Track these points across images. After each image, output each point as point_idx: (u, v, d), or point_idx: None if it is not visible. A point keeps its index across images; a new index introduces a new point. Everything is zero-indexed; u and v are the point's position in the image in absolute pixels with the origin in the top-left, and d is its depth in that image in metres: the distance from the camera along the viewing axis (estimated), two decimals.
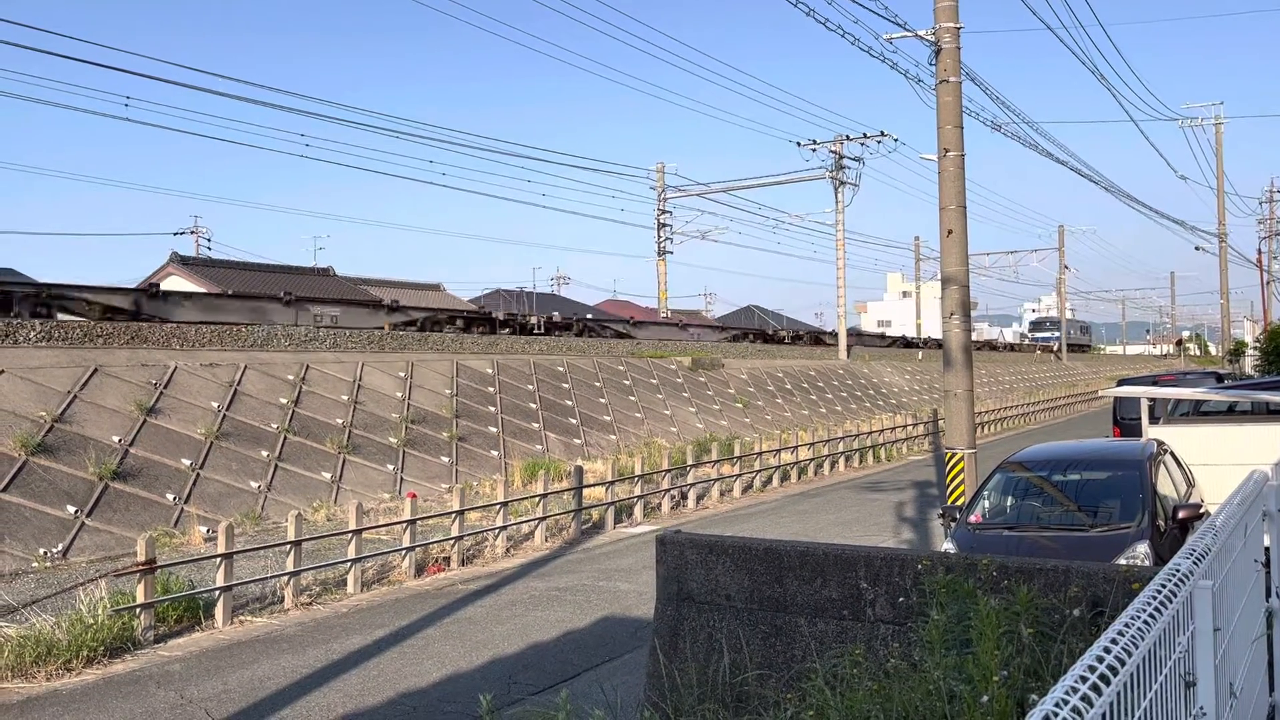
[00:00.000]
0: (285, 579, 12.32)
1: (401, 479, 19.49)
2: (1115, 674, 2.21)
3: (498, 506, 15.91)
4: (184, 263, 35.04)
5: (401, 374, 23.36)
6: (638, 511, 18.98)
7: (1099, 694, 2.11)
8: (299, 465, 18.26)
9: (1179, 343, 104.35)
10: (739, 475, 22.64)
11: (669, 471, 20.37)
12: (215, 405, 18.37)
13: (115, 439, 16.13)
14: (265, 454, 17.96)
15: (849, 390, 40.72)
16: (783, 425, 31.67)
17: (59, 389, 16.50)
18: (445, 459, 21.05)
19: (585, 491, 17.87)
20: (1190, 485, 10.74)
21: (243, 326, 22.10)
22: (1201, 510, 9.44)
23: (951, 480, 14.82)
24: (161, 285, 26.25)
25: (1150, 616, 2.60)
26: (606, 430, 26.25)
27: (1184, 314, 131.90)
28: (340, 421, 20.12)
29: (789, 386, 37.18)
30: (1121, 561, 8.11)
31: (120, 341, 19.00)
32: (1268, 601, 5.58)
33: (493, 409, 24.10)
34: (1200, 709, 3.30)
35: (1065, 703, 2.01)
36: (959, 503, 13.44)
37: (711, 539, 6.58)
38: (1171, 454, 10.74)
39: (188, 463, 16.58)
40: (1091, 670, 2.15)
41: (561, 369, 28.31)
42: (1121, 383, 22.09)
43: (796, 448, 25.68)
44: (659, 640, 6.52)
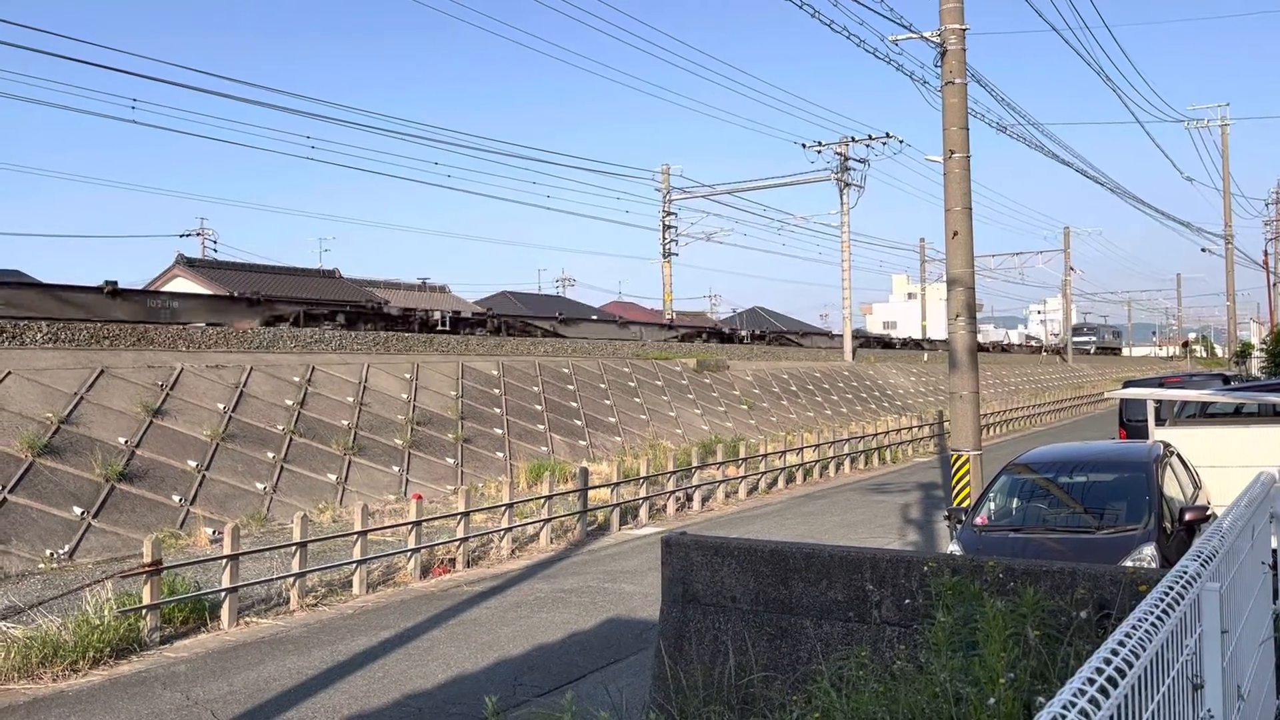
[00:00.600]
0: (291, 580, 12.34)
1: (407, 480, 19.50)
2: (1123, 676, 2.20)
3: (503, 508, 15.91)
4: (190, 265, 35.06)
5: (407, 375, 23.39)
6: (643, 513, 18.98)
7: (1106, 696, 2.11)
8: (305, 467, 18.29)
9: (1185, 344, 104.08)
10: (744, 477, 22.63)
11: (674, 473, 20.37)
12: (221, 407, 18.41)
13: (121, 440, 16.17)
14: (271, 456, 17.99)
15: (854, 392, 40.68)
16: (788, 427, 31.65)
17: (66, 390, 16.55)
18: (450, 460, 21.06)
19: (590, 493, 17.88)
20: (1197, 487, 10.71)
21: (249, 328, 22.13)
22: (1208, 512, 9.43)
23: (957, 482, 14.80)
24: (169, 288, 26.29)
25: (1158, 619, 2.60)
26: (611, 432, 26.26)
27: (1190, 316, 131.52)
28: (346, 423, 20.15)
29: (794, 388, 37.16)
30: (1128, 564, 8.09)
31: (127, 343, 19.04)
32: (1275, 604, 5.58)
33: (498, 410, 24.12)
34: (1208, 711, 3.29)
35: (1073, 705, 2.00)
36: (965, 505, 13.43)
37: (717, 541, 6.58)
38: (1178, 456, 10.72)
39: (194, 464, 16.61)
40: (1099, 673, 2.15)
41: (567, 370, 28.32)
42: (1127, 385, 22.05)
43: (802, 449, 25.66)
44: (664, 642, 6.52)
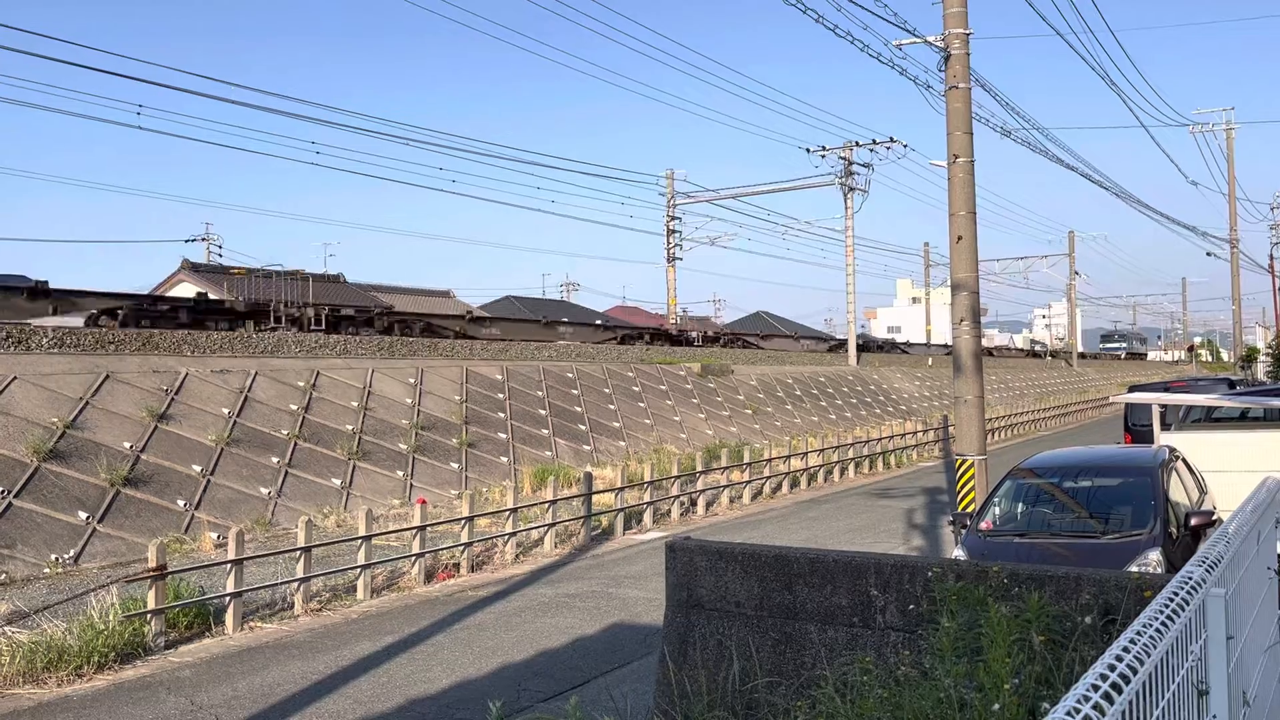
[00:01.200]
0: (295, 585, 12.34)
1: (411, 485, 19.51)
2: (1128, 682, 2.20)
3: (507, 513, 15.91)
4: (195, 269, 35.20)
5: (411, 380, 23.40)
6: (647, 518, 18.97)
7: (1111, 702, 2.10)
8: (309, 471, 18.30)
9: (1191, 349, 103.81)
10: (749, 482, 22.61)
11: (678, 478, 20.35)
12: (226, 411, 18.43)
13: (127, 445, 16.19)
14: (275, 460, 18.01)
15: (859, 396, 40.65)
16: (792, 431, 31.63)
17: (71, 395, 16.58)
18: (455, 465, 21.07)
19: (595, 498, 17.87)
20: (1202, 492, 10.68)
21: (253, 333, 22.17)
22: (1214, 517, 9.40)
23: (962, 487, 14.78)
24: (172, 292, 26.36)
25: (1163, 625, 2.59)
26: (616, 436, 26.25)
27: (1195, 320, 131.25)
28: (350, 428, 20.16)
29: (798, 393, 37.14)
30: (1133, 569, 8.06)
31: (132, 348, 19.08)
32: None
33: (502, 415, 24.12)
34: (1213, 717, 3.28)
35: (1077, 711, 2.00)
36: (969, 509, 13.41)
37: (721, 546, 6.57)
38: (1183, 460, 10.69)
39: (198, 469, 16.63)
40: (1103, 679, 2.14)
41: (571, 375, 28.33)
42: (1133, 389, 21.99)
43: (806, 454, 25.63)
44: (668, 647, 6.51)
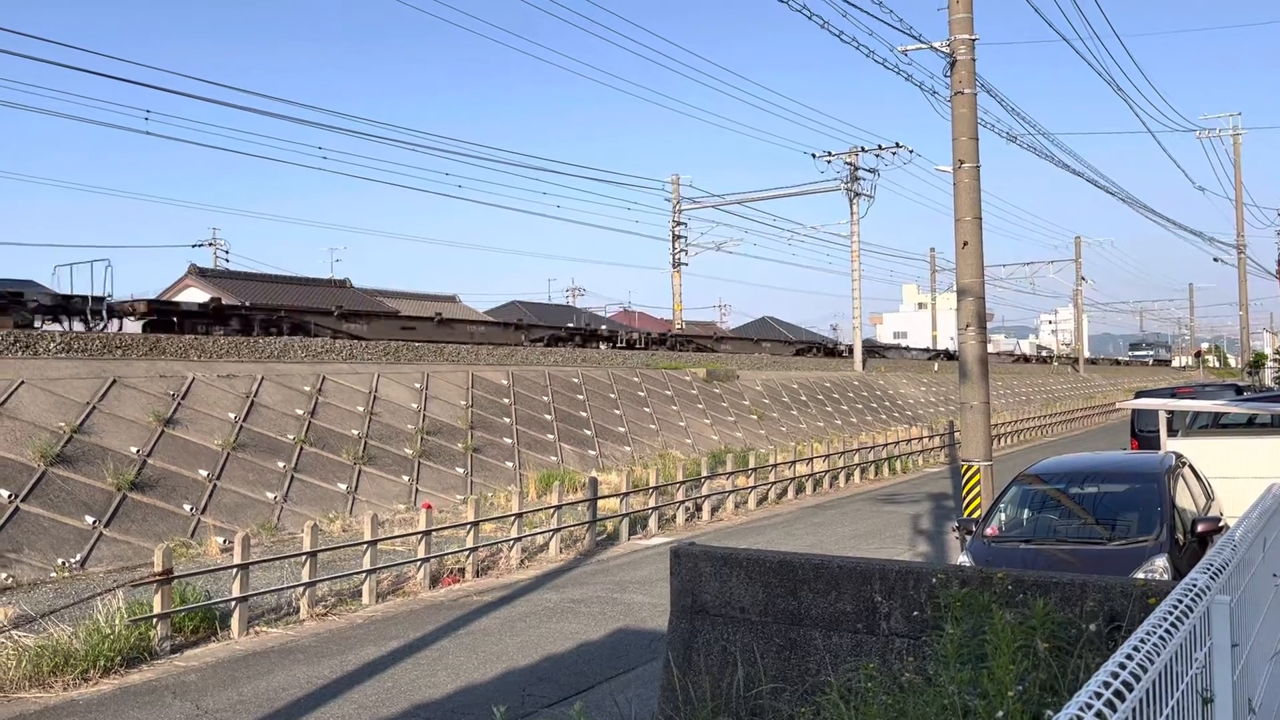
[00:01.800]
0: (301, 590, 12.36)
1: (417, 490, 19.52)
2: (1130, 689, 2.19)
3: (512, 518, 15.92)
4: (202, 274, 35.27)
5: (417, 385, 23.43)
6: (652, 523, 18.96)
7: (1114, 710, 2.10)
8: (315, 476, 18.33)
9: (1198, 354, 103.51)
10: (754, 487, 22.59)
11: (684, 483, 20.34)
12: (232, 416, 18.47)
13: (133, 450, 16.23)
14: (281, 465, 18.04)
15: (864, 402, 40.60)
16: (798, 437, 31.59)
17: (78, 400, 16.63)
18: (460, 470, 21.08)
19: (600, 503, 17.87)
20: (1209, 498, 10.65)
21: (260, 338, 22.21)
22: (1221, 523, 9.37)
23: (967, 493, 14.75)
24: (179, 298, 26.43)
25: (1166, 631, 2.59)
26: (621, 442, 26.25)
27: (1203, 326, 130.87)
28: (356, 433, 20.19)
29: (804, 398, 37.11)
30: (1139, 575, 8.04)
31: (139, 353, 19.13)
32: None
33: (507, 420, 24.14)
34: None
35: (1080, 719, 2.00)
36: (975, 515, 13.38)
37: (726, 551, 6.57)
38: (1190, 467, 10.66)
39: (205, 473, 16.66)
40: (1106, 686, 2.14)
41: (576, 380, 28.34)
42: (1139, 395, 21.94)
43: (811, 459, 25.60)
44: (673, 653, 6.51)
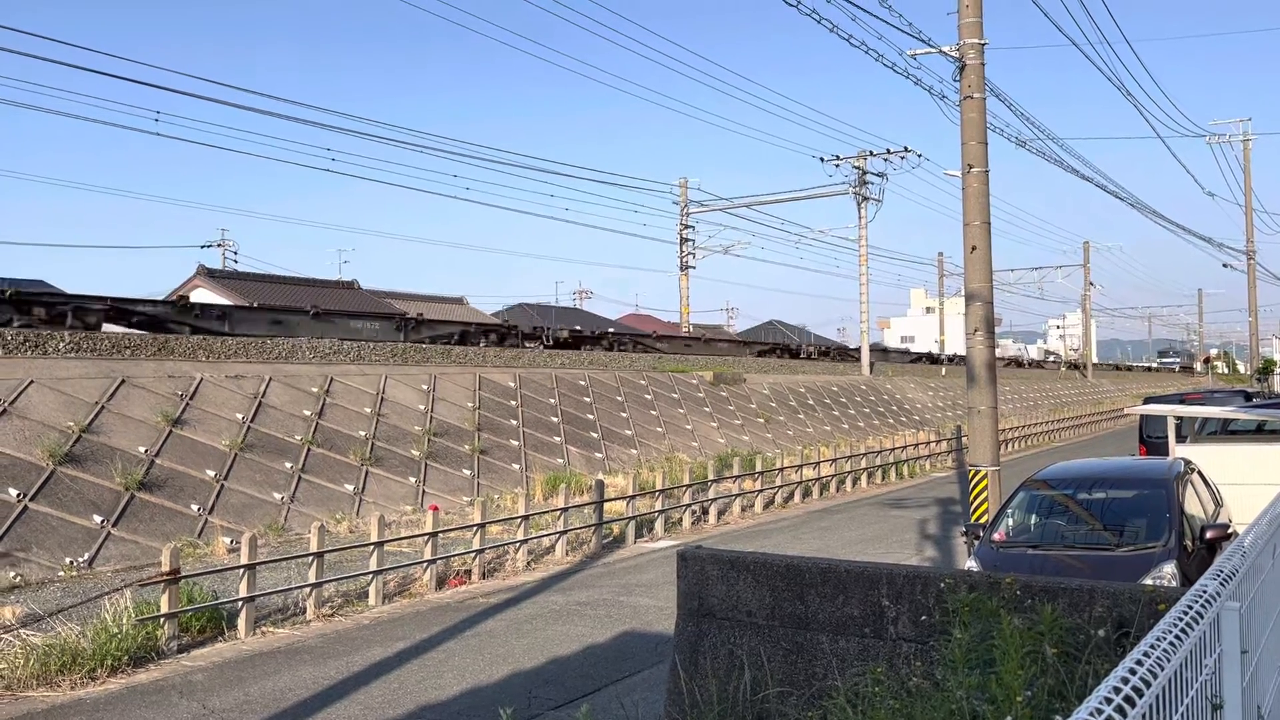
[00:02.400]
0: (307, 590, 12.37)
1: (423, 491, 19.54)
2: (1141, 695, 2.19)
3: (519, 520, 15.92)
4: (210, 275, 35.37)
5: (424, 386, 23.46)
6: (659, 526, 18.95)
7: (1124, 716, 2.10)
8: (322, 477, 18.36)
9: (1206, 360, 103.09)
10: (760, 491, 22.57)
11: (690, 486, 20.33)
12: (240, 417, 18.51)
13: (141, 449, 16.28)
14: (289, 465, 18.07)
15: (871, 406, 40.54)
16: (805, 441, 31.56)
17: (87, 400, 16.68)
18: (467, 472, 21.10)
19: (606, 506, 17.87)
20: (1218, 505, 10.62)
21: (268, 339, 22.26)
22: (1230, 530, 9.34)
23: (975, 498, 14.72)
24: (190, 298, 26.49)
25: (1176, 638, 2.58)
26: (628, 444, 26.25)
27: (1211, 332, 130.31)
28: (363, 434, 20.22)
29: (811, 402, 37.07)
30: (1148, 582, 8.02)
31: (147, 353, 19.19)
32: None
33: (514, 422, 24.15)
34: None
35: None
36: (982, 520, 13.35)
37: (733, 555, 6.56)
38: (1199, 473, 10.63)
39: (212, 474, 16.70)
40: (1116, 692, 2.13)
41: (583, 383, 28.35)
42: (1148, 401, 21.87)
43: (819, 463, 25.57)
44: (679, 656, 6.50)
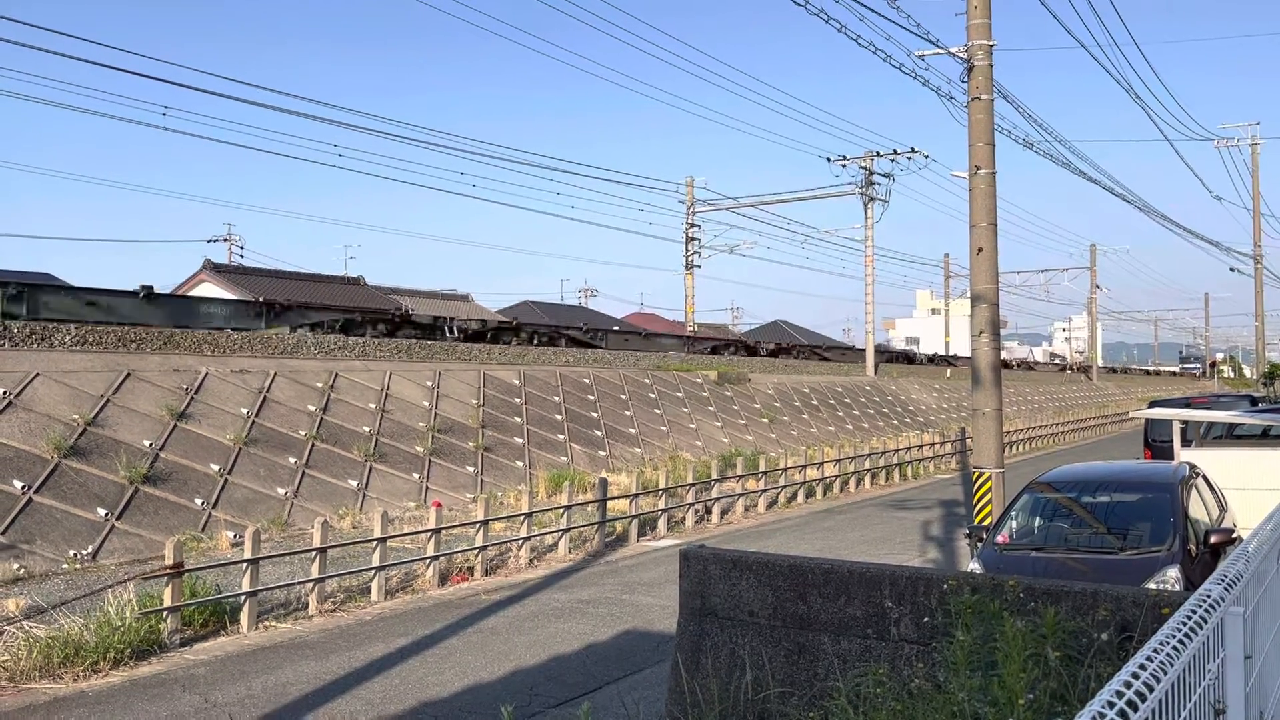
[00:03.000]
0: (310, 585, 12.39)
1: (427, 488, 19.56)
2: (1143, 700, 2.18)
3: (522, 517, 15.93)
4: (217, 270, 35.43)
5: (429, 383, 23.47)
6: (661, 525, 18.95)
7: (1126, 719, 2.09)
8: (326, 472, 18.38)
9: (1212, 364, 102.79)
10: (764, 490, 22.56)
11: (693, 485, 20.33)
12: (244, 411, 18.53)
13: (146, 443, 16.30)
14: (293, 461, 18.09)
15: (876, 407, 40.50)
16: (808, 441, 31.54)
17: (92, 393, 16.71)
18: (471, 469, 21.11)
19: (609, 504, 17.87)
20: (1223, 509, 10.59)
21: (273, 333, 22.29)
22: (1234, 535, 9.32)
23: (978, 500, 14.70)
24: (194, 293, 26.55)
25: (1180, 642, 2.57)
26: (631, 443, 26.25)
27: (1218, 336, 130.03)
28: (367, 429, 20.24)
29: (815, 402, 37.04)
30: (1151, 586, 8.00)
31: (153, 346, 19.22)
32: None
33: (518, 419, 24.16)
34: None
35: None
36: (986, 522, 13.34)
37: (735, 554, 6.56)
38: (1204, 477, 10.60)
39: (216, 468, 16.73)
40: (1119, 695, 2.13)
41: (587, 381, 28.35)
42: (1153, 404, 21.80)
43: (822, 464, 25.55)
44: (681, 655, 6.50)
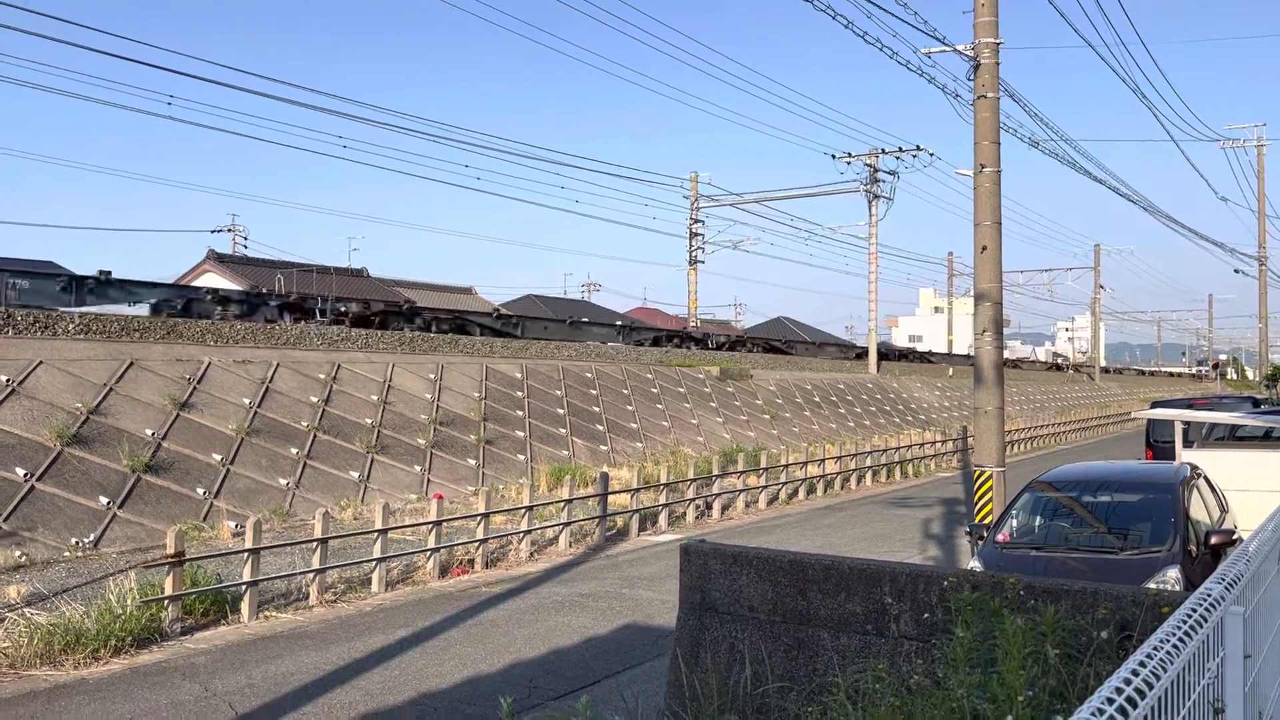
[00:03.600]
0: (311, 576, 12.42)
1: (428, 480, 19.58)
2: (1142, 697, 2.18)
3: (523, 510, 15.95)
4: (220, 260, 35.47)
5: (431, 376, 23.49)
6: (662, 520, 18.97)
7: (1125, 717, 2.09)
8: (327, 464, 18.40)
9: (1215, 366, 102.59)
10: (765, 486, 22.57)
11: (694, 481, 20.34)
12: (247, 402, 18.56)
13: (148, 432, 16.33)
14: (295, 451, 18.12)
15: (878, 404, 40.50)
16: (810, 438, 31.54)
17: (95, 381, 16.74)
18: (472, 461, 21.13)
19: (610, 498, 17.88)
20: (1223, 510, 10.59)
21: (276, 324, 22.31)
22: (1234, 536, 9.31)
23: (979, 498, 14.70)
24: (197, 283, 26.57)
25: (1179, 641, 2.58)
26: (633, 438, 26.26)
27: (1221, 337, 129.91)
28: (369, 421, 20.26)
29: (817, 399, 37.04)
30: (1151, 586, 8.00)
31: (156, 336, 19.24)
32: None
33: (520, 413, 24.18)
34: None
35: None
36: (986, 521, 13.34)
37: (736, 549, 6.57)
38: (1205, 478, 10.60)
39: (218, 458, 16.75)
40: (1118, 693, 2.13)
41: (590, 375, 28.36)
42: (1155, 405, 21.78)
43: (823, 461, 25.56)
44: (680, 649, 6.51)
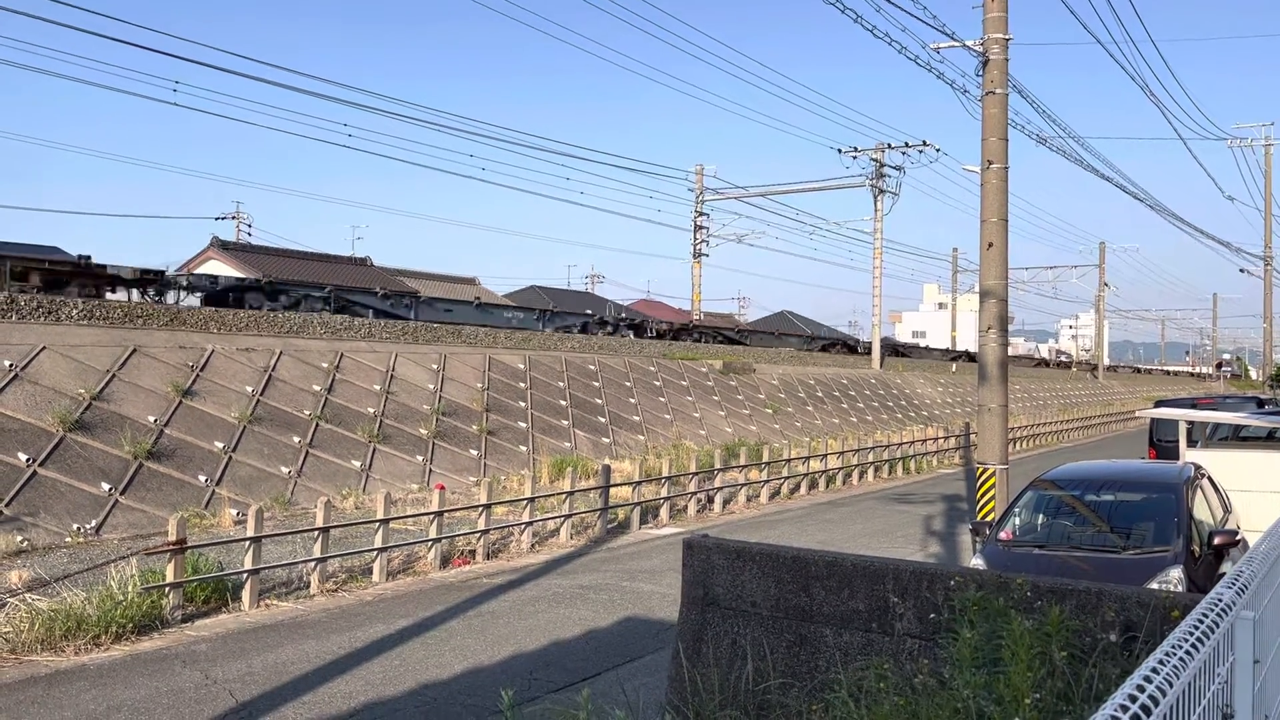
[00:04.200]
0: (312, 565, 12.42)
1: (430, 470, 19.58)
2: (1156, 704, 2.16)
3: (524, 502, 15.94)
4: (224, 247, 35.41)
5: (434, 366, 23.48)
6: (663, 513, 18.96)
7: None
8: (329, 452, 18.40)
9: (1219, 365, 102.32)
10: (767, 481, 22.56)
11: (696, 474, 20.32)
12: (250, 390, 18.55)
13: (151, 419, 16.33)
14: (297, 440, 18.11)
15: (880, 400, 40.47)
16: (812, 432, 31.52)
17: (98, 367, 16.73)
18: (474, 452, 21.13)
19: (612, 491, 17.87)
20: (1227, 511, 10.57)
21: (279, 312, 22.29)
22: (1238, 537, 9.30)
23: (982, 495, 14.68)
24: (201, 270, 26.56)
25: (1192, 648, 2.55)
26: (635, 430, 26.24)
27: (1225, 337, 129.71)
28: (372, 411, 20.25)
29: (820, 394, 37.01)
30: (1154, 586, 7.99)
31: (159, 323, 19.23)
32: None
33: (523, 404, 24.16)
34: None
35: None
36: (989, 518, 13.32)
37: (739, 545, 6.55)
38: (1209, 478, 10.57)
39: (220, 445, 16.75)
40: (1132, 699, 2.11)
41: (593, 367, 28.34)
42: (1159, 404, 21.72)
43: (825, 456, 25.54)
44: (682, 644, 6.49)
